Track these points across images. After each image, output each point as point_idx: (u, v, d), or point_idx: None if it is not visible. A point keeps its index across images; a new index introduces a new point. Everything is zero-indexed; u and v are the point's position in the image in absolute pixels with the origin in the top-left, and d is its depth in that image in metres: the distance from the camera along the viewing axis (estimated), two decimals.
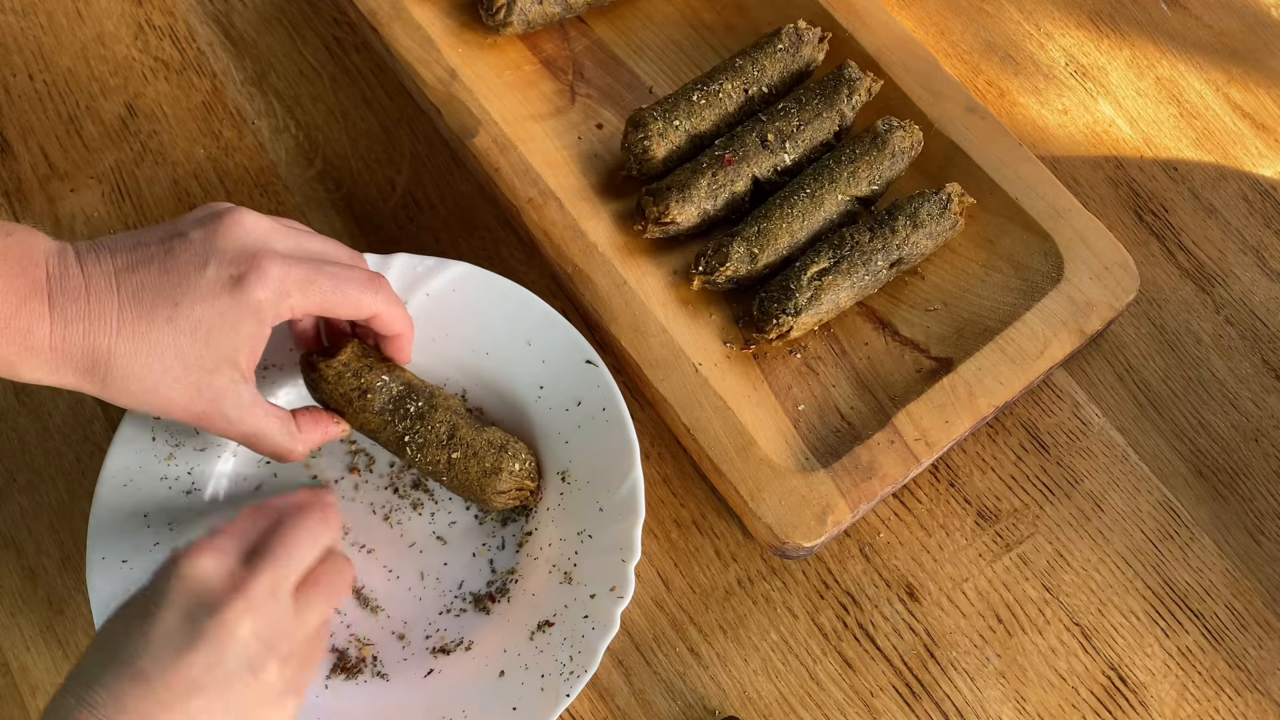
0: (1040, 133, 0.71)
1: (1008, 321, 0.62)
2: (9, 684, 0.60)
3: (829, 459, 0.60)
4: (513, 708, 0.55)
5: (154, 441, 0.59)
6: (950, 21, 0.75)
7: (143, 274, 0.50)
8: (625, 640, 0.60)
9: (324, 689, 0.57)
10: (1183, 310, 0.67)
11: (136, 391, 0.51)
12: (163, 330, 0.50)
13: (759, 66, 0.67)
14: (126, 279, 0.50)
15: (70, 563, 0.62)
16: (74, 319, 0.49)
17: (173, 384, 0.51)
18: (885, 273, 0.63)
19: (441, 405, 0.58)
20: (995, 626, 0.60)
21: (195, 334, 0.50)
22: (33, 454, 0.64)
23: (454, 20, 0.71)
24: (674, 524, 0.62)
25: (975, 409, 0.60)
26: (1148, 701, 0.58)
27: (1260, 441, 0.64)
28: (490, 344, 0.62)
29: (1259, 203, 0.69)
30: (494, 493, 0.58)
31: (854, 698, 0.58)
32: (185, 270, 0.50)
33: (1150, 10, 0.76)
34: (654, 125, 0.65)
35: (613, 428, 0.59)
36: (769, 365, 0.63)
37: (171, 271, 0.50)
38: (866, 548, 0.61)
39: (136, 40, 0.75)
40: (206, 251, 0.51)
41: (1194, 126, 0.72)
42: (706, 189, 0.64)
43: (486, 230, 0.69)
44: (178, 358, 0.50)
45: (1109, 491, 0.62)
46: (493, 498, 0.58)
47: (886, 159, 0.64)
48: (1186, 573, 0.61)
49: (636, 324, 0.62)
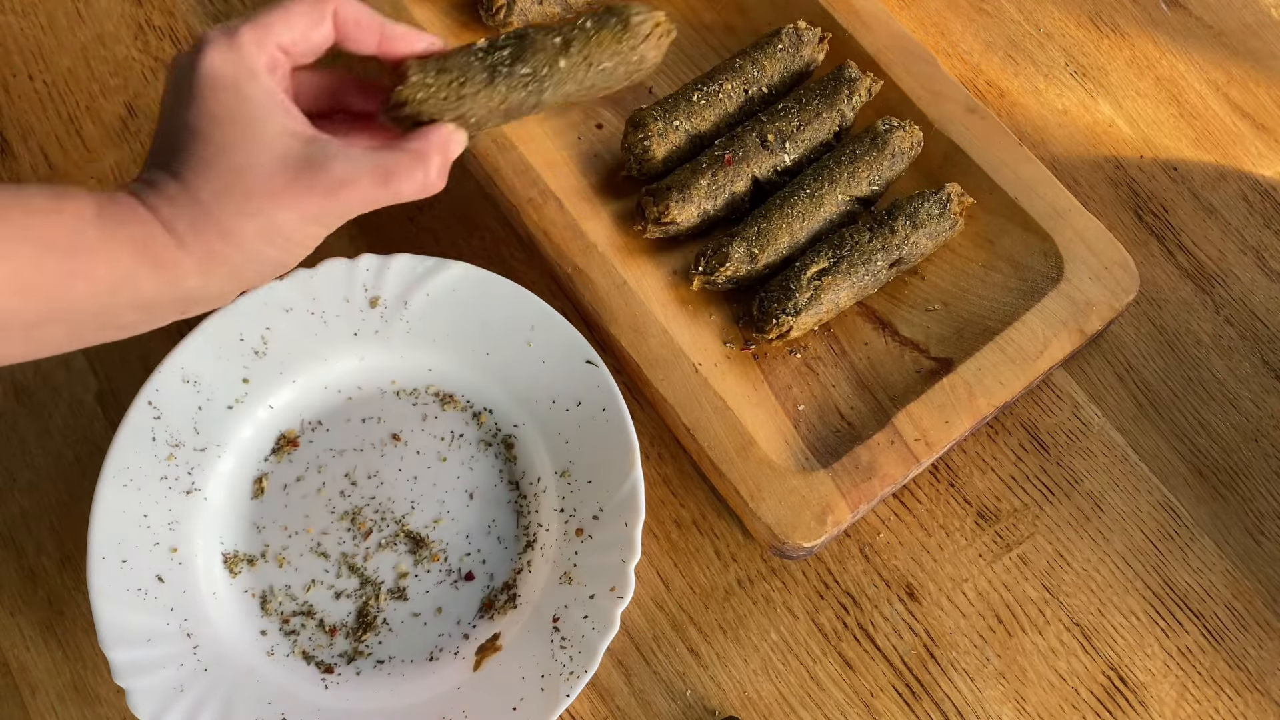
0: (1040, 133, 0.71)
1: (1008, 321, 0.62)
2: (9, 684, 0.60)
3: (829, 459, 0.60)
4: (512, 708, 0.55)
5: (154, 441, 0.59)
6: (950, 21, 0.75)
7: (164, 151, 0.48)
8: (625, 640, 0.60)
9: (324, 689, 0.57)
10: (1183, 310, 0.67)
11: (250, 244, 0.47)
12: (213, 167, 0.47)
13: (759, 67, 0.67)
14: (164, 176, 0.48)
15: (70, 563, 0.62)
16: (186, 231, 0.47)
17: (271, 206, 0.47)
18: (885, 273, 0.63)
19: (521, 34, 0.52)
20: (995, 627, 0.60)
21: (227, 140, 0.46)
22: (33, 454, 0.64)
23: (454, 20, 0.71)
24: (674, 524, 0.62)
25: (975, 409, 0.60)
26: (1148, 701, 0.58)
27: (1260, 441, 0.64)
28: (490, 344, 0.62)
29: (1259, 203, 0.69)
30: (640, 43, 0.52)
31: (854, 698, 0.58)
32: (170, 111, 0.48)
33: (1150, 10, 0.76)
34: (654, 125, 0.65)
35: (613, 428, 0.59)
36: (769, 365, 0.63)
37: (173, 123, 0.48)
38: (866, 548, 0.61)
39: (136, 40, 0.75)
40: (178, 86, 0.48)
41: (1194, 126, 0.72)
42: (706, 189, 0.64)
43: (486, 230, 0.69)
44: (234, 177, 0.46)
45: (1109, 491, 0.62)
46: (645, 51, 0.52)
47: (886, 159, 0.64)
48: (1186, 573, 0.61)
49: (636, 324, 0.62)
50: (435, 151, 0.50)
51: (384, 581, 0.60)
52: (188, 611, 0.57)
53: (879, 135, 0.64)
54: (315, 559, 0.60)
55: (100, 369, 0.66)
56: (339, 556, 0.60)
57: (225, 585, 0.59)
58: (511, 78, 0.51)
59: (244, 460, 0.61)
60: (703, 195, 0.64)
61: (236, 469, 0.61)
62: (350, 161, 0.47)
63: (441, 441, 0.62)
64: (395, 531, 0.61)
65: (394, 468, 0.62)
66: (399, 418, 0.63)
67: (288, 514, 0.61)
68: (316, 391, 0.63)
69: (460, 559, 0.60)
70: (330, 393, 0.63)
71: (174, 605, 0.57)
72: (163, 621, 0.57)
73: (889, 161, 0.64)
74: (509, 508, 0.61)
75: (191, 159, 0.47)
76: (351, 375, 0.63)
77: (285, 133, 0.47)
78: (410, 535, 0.60)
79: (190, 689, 0.55)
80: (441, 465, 0.62)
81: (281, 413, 0.62)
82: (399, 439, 0.62)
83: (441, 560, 0.60)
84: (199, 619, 0.57)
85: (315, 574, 0.60)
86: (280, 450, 0.62)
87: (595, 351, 0.61)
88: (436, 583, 0.60)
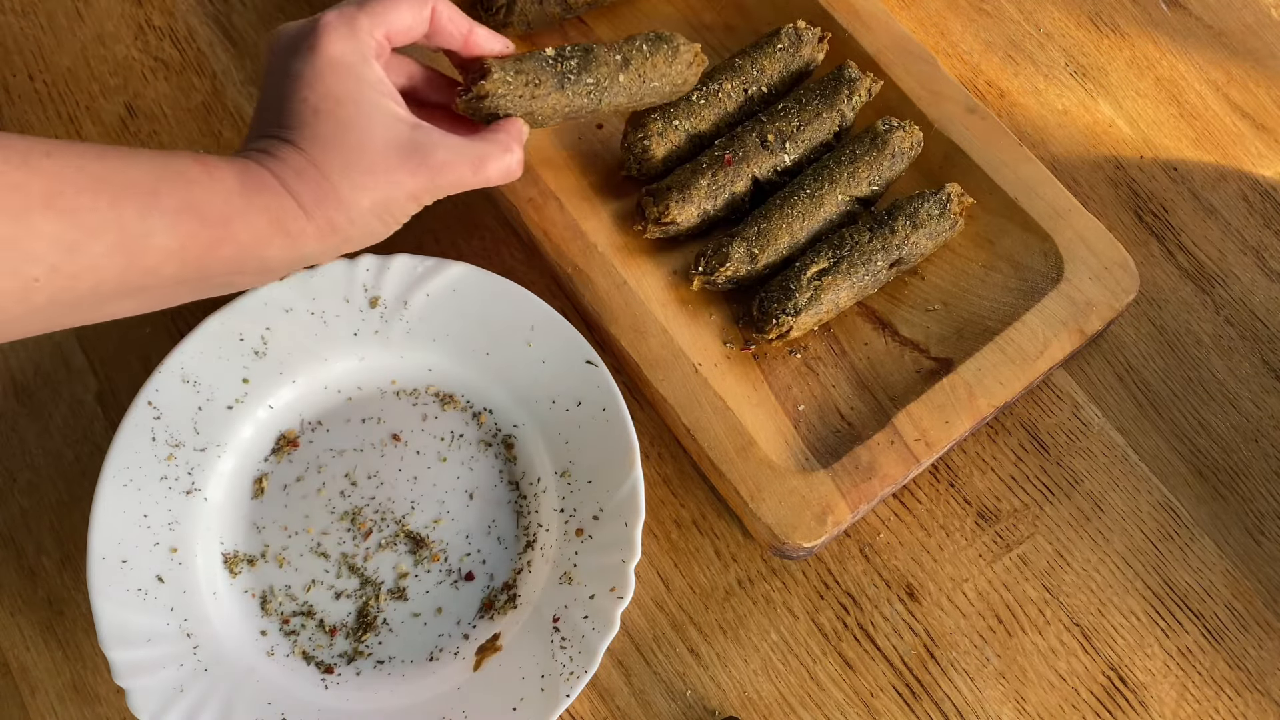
0: (1040, 133, 0.71)
1: (1008, 321, 0.62)
2: (9, 684, 0.60)
3: (829, 459, 0.60)
4: (512, 708, 0.55)
5: (154, 441, 0.59)
6: (950, 21, 0.75)
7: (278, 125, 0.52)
8: (625, 640, 0.60)
9: (324, 689, 0.57)
10: (1183, 310, 0.67)
11: (361, 219, 0.53)
12: (336, 150, 0.51)
13: (758, 66, 0.67)
14: (277, 146, 0.51)
15: (70, 563, 0.62)
16: (312, 203, 0.51)
17: (385, 183, 0.52)
18: (885, 273, 0.63)
19: (587, 49, 0.60)
20: (995, 627, 0.60)
21: (348, 120, 0.51)
22: (33, 454, 0.64)
23: None
24: (674, 524, 0.62)
25: (975, 409, 0.60)
26: (1148, 701, 0.58)
27: (1260, 441, 0.64)
28: (490, 344, 0.62)
29: (1259, 203, 0.69)
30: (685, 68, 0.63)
31: (854, 698, 0.58)
32: (287, 87, 0.52)
33: (1150, 10, 0.76)
34: (654, 125, 0.65)
35: (613, 428, 0.59)
36: (769, 365, 0.63)
37: (280, 105, 0.52)
38: (866, 548, 0.61)
39: (136, 40, 0.75)
40: (294, 64, 0.52)
41: (1194, 126, 0.72)
42: (707, 189, 0.64)
43: (486, 230, 0.69)
44: (356, 155, 0.51)
45: (1109, 492, 0.62)
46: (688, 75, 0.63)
47: (886, 159, 0.64)
48: (1186, 573, 0.61)
49: (636, 324, 0.62)
50: (516, 142, 0.56)
51: (384, 581, 0.60)
52: (188, 611, 0.57)
53: (879, 135, 0.64)
54: (315, 559, 0.60)
55: (100, 369, 0.66)
56: (339, 556, 0.60)
57: (225, 585, 0.59)
58: (578, 85, 0.59)
59: (244, 460, 0.61)
60: (703, 195, 0.64)
61: (236, 469, 0.61)
62: (450, 148, 0.53)
63: (441, 441, 0.62)
64: (395, 531, 0.61)
65: (394, 468, 0.62)
66: (399, 418, 0.63)
67: (288, 514, 0.61)
68: (316, 391, 0.63)
69: (460, 559, 0.60)
70: (330, 393, 0.63)
71: (174, 605, 0.57)
72: (163, 621, 0.57)
73: (889, 161, 0.64)
74: (509, 508, 0.61)
75: (316, 136, 0.51)
76: (351, 375, 0.63)
77: (394, 116, 0.53)
78: (410, 535, 0.60)
79: (190, 689, 0.55)
80: (441, 465, 0.62)
81: (281, 413, 0.62)
82: (399, 439, 0.62)
83: (441, 560, 0.60)
84: (199, 619, 0.58)
85: (315, 574, 0.60)
86: (280, 450, 0.62)
87: (595, 351, 0.61)
88: (436, 583, 0.60)
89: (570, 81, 0.59)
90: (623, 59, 0.60)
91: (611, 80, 0.60)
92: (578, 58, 0.59)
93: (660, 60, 0.61)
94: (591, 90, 0.59)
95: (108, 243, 0.45)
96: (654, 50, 0.61)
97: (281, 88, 0.52)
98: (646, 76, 0.61)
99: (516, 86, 0.57)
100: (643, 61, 0.61)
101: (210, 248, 0.48)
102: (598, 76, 0.59)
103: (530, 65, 0.58)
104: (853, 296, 0.63)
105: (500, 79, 0.57)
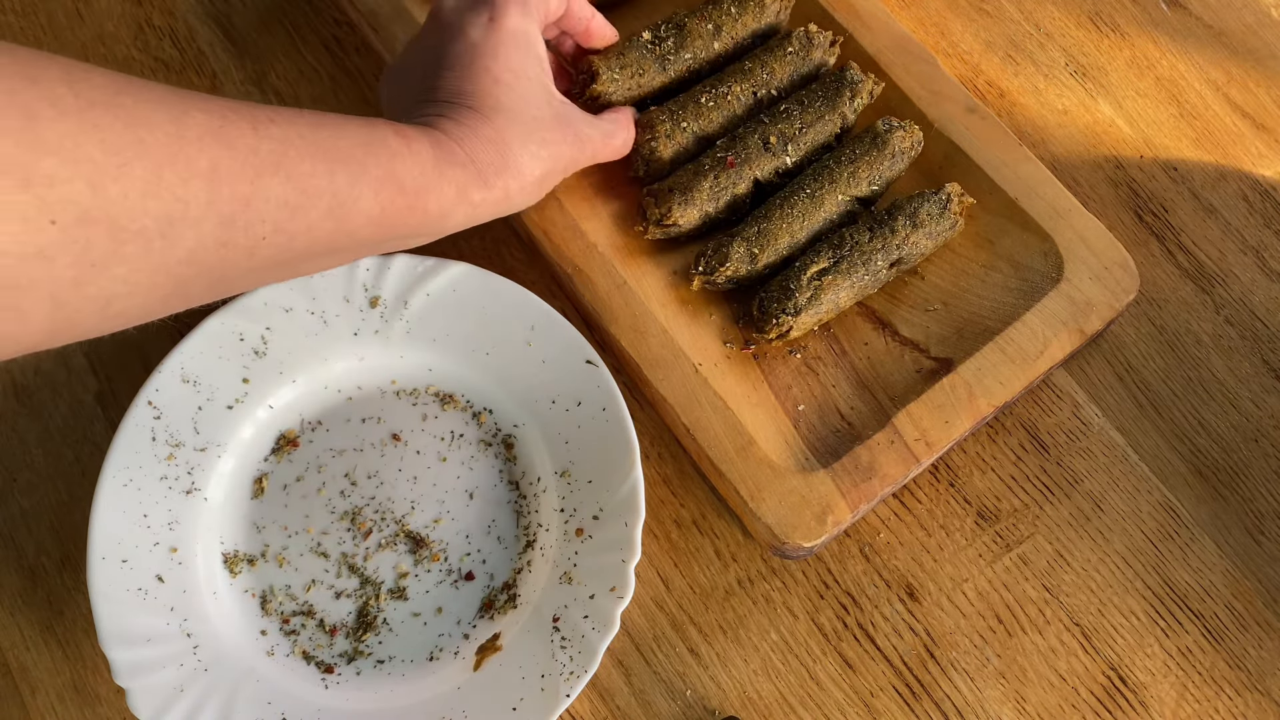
0: (1040, 133, 0.71)
1: (1008, 321, 0.62)
2: (9, 684, 0.60)
3: (829, 459, 0.60)
4: (512, 708, 0.55)
5: (154, 441, 0.59)
6: (950, 21, 0.75)
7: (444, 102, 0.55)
8: (625, 640, 0.60)
9: (324, 689, 0.57)
10: (1183, 310, 0.67)
11: (529, 188, 0.56)
12: (508, 116, 0.55)
13: (768, 69, 0.67)
14: (449, 124, 0.54)
15: (70, 563, 0.62)
16: (492, 173, 0.54)
17: (553, 154, 0.56)
18: (885, 273, 0.63)
19: (680, 25, 0.65)
20: (995, 627, 0.60)
21: (524, 91, 0.55)
22: (33, 454, 0.64)
23: None
24: (674, 524, 0.62)
25: (975, 409, 0.60)
26: (1148, 701, 0.58)
27: (1260, 441, 0.64)
28: (490, 344, 0.62)
29: (1259, 203, 0.69)
30: (774, 16, 0.68)
31: (854, 698, 0.58)
32: (459, 60, 0.55)
33: (1150, 10, 0.76)
34: (662, 126, 0.65)
35: (613, 428, 0.59)
36: (769, 365, 0.63)
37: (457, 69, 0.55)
38: (866, 548, 0.61)
39: (136, 40, 0.75)
40: (471, 36, 0.56)
41: (1194, 126, 0.72)
42: (709, 191, 0.64)
43: (486, 230, 0.69)
44: (533, 126, 0.55)
45: (1109, 491, 0.62)
46: (782, 19, 0.69)
47: (886, 159, 0.64)
48: (1186, 573, 0.61)
49: (636, 324, 0.62)
50: (630, 121, 0.64)
51: (384, 581, 0.60)
52: (188, 611, 0.57)
53: (879, 135, 0.64)
54: (315, 559, 0.60)
55: (100, 369, 0.66)
56: (339, 556, 0.60)
57: (225, 585, 0.59)
58: (678, 63, 0.65)
59: (244, 460, 0.61)
60: (705, 197, 0.64)
61: (236, 469, 0.61)
62: (588, 122, 0.60)
63: (441, 441, 0.62)
64: (395, 531, 0.61)
65: (394, 468, 0.62)
66: (399, 418, 0.63)
67: (288, 514, 0.61)
68: (316, 391, 0.63)
69: (460, 559, 0.60)
70: (330, 393, 0.63)
71: (174, 605, 0.57)
72: (163, 621, 0.57)
73: (889, 161, 0.64)
74: (509, 508, 0.61)
75: (499, 106, 0.54)
76: (351, 375, 0.63)
77: (551, 90, 0.57)
78: (410, 535, 0.61)
79: (190, 689, 0.55)
80: (441, 465, 0.62)
81: (281, 413, 0.62)
82: (399, 439, 0.62)
83: (441, 560, 0.60)
84: (199, 619, 0.58)
85: (315, 574, 0.60)
86: (280, 450, 0.62)
87: (595, 351, 0.61)
88: (436, 583, 0.60)
89: (671, 62, 0.65)
90: (714, 27, 0.66)
91: (706, 49, 0.66)
92: (673, 36, 0.65)
93: (749, 19, 0.66)
94: (689, 63, 0.66)
95: (323, 207, 0.47)
96: (741, 10, 0.66)
97: (460, 55, 0.55)
98: (738, 36, 0.66)
99: (623, 80, 0.64)
100: (732, 25, 0.66)
101: (402, 215, 0.51)
102: (694, 51, 0.65)
103: (633, 56, 0.64)
104: (853, 296, 0.63)
105: (608, 78, 0.64)
